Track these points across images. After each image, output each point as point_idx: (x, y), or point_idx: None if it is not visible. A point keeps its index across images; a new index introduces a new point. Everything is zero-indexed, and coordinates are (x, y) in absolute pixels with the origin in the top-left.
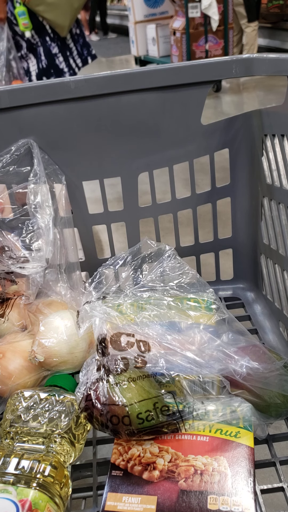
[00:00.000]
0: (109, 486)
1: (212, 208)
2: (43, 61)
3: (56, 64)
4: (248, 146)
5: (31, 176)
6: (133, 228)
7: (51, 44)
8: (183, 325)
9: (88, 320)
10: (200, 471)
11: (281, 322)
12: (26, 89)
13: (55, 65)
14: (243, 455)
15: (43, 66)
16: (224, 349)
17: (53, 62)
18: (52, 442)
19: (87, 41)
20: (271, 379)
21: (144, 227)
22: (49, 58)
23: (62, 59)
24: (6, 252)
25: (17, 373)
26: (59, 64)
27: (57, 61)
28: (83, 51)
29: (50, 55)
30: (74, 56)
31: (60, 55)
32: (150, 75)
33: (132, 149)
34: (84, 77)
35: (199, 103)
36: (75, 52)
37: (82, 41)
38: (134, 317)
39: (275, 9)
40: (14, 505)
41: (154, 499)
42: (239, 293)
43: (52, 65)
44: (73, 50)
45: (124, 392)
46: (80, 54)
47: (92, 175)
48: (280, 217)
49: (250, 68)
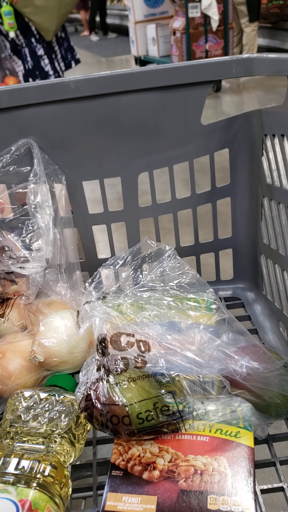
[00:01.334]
0: (109, 486)
1: (212, 208)
2: (29, 62)
3: (41, 66)
4: (248, 146)
5: (31, 176)
6: (133, 228)
7: (37, 46)
8: (183, 325)
9: (88, 320)
10: (200, 471)
11: (281, 322)
12: (26, 89)
13: (41, 67)
14: (243, 455)
15: (29, 67)
16: (224, 349)
17: (38, 63)
18: (52, 442)
19: (71, 45)
20: (271, 379)
21: (144, 227)
22: (35, 59)
23: (48, 61)
24: (6, 252)
25: (17, 373)
26: (45, 67)
27: (43, 63)
28: (67, 55)
29: (36, 57)
30: (58, 60)
31: (46, 57)
32: (150, 75)
33: (132, 149)
34: (84, 77)
35: (199, 103)
36: (59, 55)
37: (67, 45)
38: (134, 317)
39: (275, 9)
40: (14, 505)
41: (154, 499)
42: (239, 293)
43: (38, 67)
44: (57, 53)
45: (124, 392)
46: (64, 58)
47: (92, 175)
48: (280, 217)
49: (250, 68)
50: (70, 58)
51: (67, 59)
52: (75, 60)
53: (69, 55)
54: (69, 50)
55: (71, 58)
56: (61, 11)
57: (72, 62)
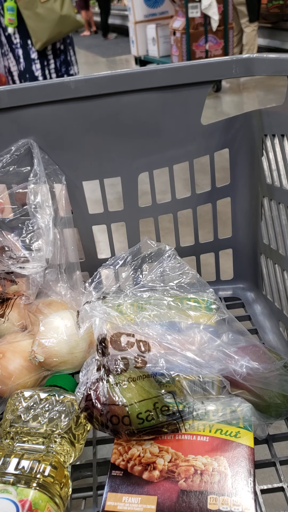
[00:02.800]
0: (109, 486)
1: (212, 208)
2: (22, 64)
3: (32, 70)
4: (248, 146)
5: (31, 176)
6: (133, 228)
7: (31, 49)
8: (183, 325)
9: (88, 320)
10: (200, 471)
11: (281, 322)
12: (26, 89)
13: (31, 71)
14: (243, 455)
15: (21, 68)
16: (224, 349)
17: (30, 66)
18: (52, 442)
19: (69, 59)
20: (271, 379)
21: (144, 227)
22: (27, 61)
23: (39, 67)
24: (6, 252)
25: (17, 373)
26: (35, 71)
27: (34, 67)
28: (61, 68)
29: (29, 59)
30: (50, 70)
31: (38, 62)
32: (150, 75)
33: (132, 149)
34: (84, 77)
35: (199, 103)
36: (52, 65)
37: (63, 58)
38: (134, 317)
39: (275, 9)
40: (14, 505)
41: (154, 499)
42: (239, 293)
43: (29, 70)
44: (50, 63)
45: (124, 392)
46: (57, 70)
47: (92, 175)
48: (280, 217)
49: (250, 68)
50: (63, 71)
51: (60, 72)
52: (68, 75)
53: (63, 68)
54: (64, 63)
55: (65, 71)
56: (58, 28)
57: (65, 76)
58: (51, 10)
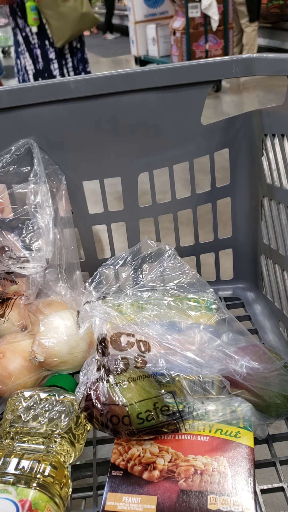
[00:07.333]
0: (109, 486)
1: (212, 208)
2: (40, 63)
3: (50, 69)
4: (248, 146)
5: (31, 176)
6: (133, 228)
7: (49, 49)
8: (183, 325)
9: (88, 320)
10: (200, 471)
11: (281, 322)
12: (26, 89)
13: (50, 70)
14: (243, 455)
15: (40, 68)
16: (224, 349)
17: (48, 66)
18: (52, 442)
19: (85, 57)
20: (271, 379)
21: (144, 227)
22: (46, 61)
23: (57, 66)
24: (6, 252)
25: (17, 373)
26: (53, 71)
27: (52, 67)
28: (78, 65)
29: (47, 59)
30: (68, 68)
31: (56, 61)
32: (150, 75)
33: (132, 149)
34: (84, 77)
35: (199, 103)
36: (70, 64)
37: (80, 55)
38: (134, 317)
39: (275, 9)
40: (14, 505)
41: (154, 499)
42: (239, 293)
43: (47, 70)
44: (68, 61)
45: (124, 392)
46: (75, 68)
47: (92, 175)
48: (280, 217)
49: (250, 68)
50: (81, 69)
51: (78, 70)
52: (86, 73)
53: (81, 66)
54: (82, 61)
55: (82, 69)
56: (78, 26)
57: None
58: (73, 9)
